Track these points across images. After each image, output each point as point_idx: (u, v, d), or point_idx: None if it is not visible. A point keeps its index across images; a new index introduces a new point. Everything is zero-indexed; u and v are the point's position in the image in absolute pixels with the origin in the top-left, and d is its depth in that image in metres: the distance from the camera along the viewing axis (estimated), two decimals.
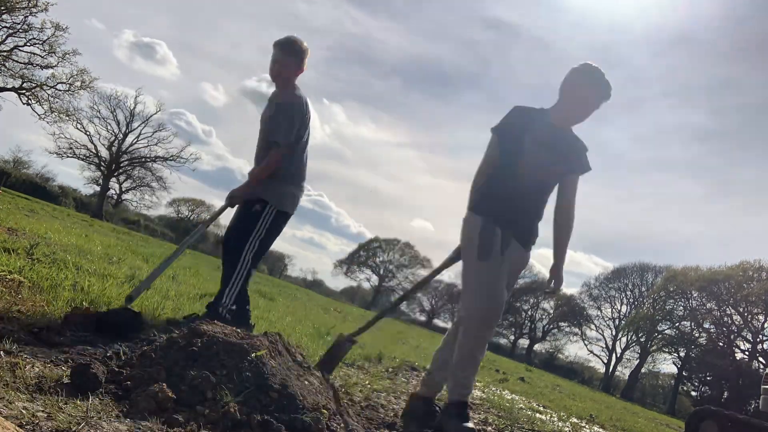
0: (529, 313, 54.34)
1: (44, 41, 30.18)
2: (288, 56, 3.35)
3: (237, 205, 3.44)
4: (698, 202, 79.05)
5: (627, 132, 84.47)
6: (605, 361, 47.49)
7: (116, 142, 40.40)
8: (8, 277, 2.92)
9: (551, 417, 4.83)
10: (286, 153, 3.30)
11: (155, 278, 3.25)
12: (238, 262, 3.27)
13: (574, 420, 5.17)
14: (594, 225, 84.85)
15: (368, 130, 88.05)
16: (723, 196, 76.83)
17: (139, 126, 41.09)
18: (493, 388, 6.01)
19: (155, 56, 75.99)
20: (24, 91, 30.59)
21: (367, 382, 3.47)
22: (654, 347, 43.45)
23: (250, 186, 3.34)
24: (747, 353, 36.43)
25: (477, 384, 5.92)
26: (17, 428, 1.24)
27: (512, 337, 55.57)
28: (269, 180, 3.34)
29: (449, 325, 3.00)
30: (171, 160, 41.44)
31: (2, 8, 27.86)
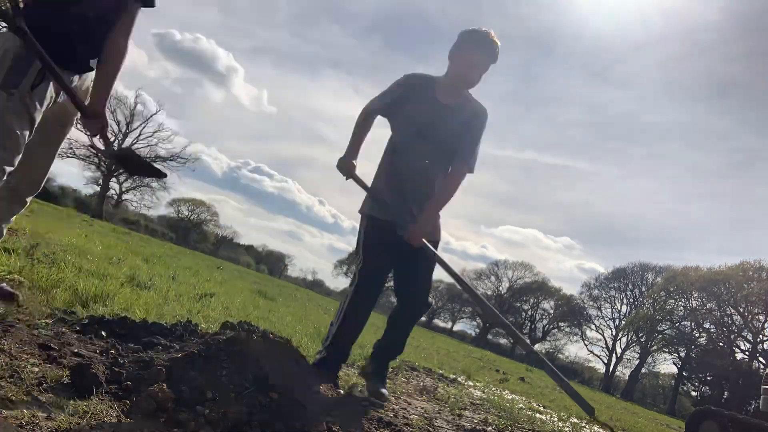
0: (529, 313, 54.37)
1: None
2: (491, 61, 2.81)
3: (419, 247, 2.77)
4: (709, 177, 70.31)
5: (626, 93, 76.12)
6: (605, 361, 47.51)
7: (116, 142, 40.43)
8: (8, 277, 2.92)
9: (551, 417, 4.83)
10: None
11: None
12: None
13: (575, 420, 5.17)
14: (585, 208, 79.70)
15: (349, 103, 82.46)
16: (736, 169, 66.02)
17: (139, 126, 41.15)
18: (494, 388, 6.01)
19: None
20: None
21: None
22: (654, 347, 43.46)
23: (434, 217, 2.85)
24: (747, 353, 36.44)
25: (477, 384, 5.93)
26: (17, 428, 1.24)
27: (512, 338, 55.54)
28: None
29: (449, 325, 2.99)
30: (171, 160, 41.49)
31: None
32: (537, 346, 53.87)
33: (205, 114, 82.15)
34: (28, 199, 2.49)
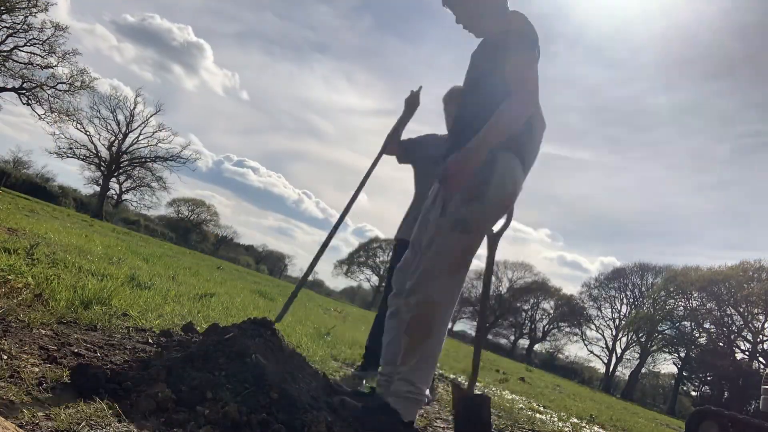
0: (529, 313, 54.38)
1: (44, 41, 30.27)
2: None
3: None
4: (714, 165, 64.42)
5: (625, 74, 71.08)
6: (605, 361, 47.53)
7: (116, 142, 40.45)
8: (8, 277, 2.92)
9: (551, 417, 4.83)
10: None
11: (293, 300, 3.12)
12: None
13: (575, 420, 5.17)
14: (583, 203, 76.62)
15: (341, 94, 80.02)
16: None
17: (139, 126, 41.16)
18: (493, 388, 6.01)
19: None
20: (24, 91, 30.64)
21: (366, 383, 3.46)
22: (654, 347, 43.48)
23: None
24: (747, 353, 36.45)
25: (477, 384, 5.93)
26: (17, 428, 1.24)
27: (512, 337, 55.61)
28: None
29: (449, 325, 2.81)
30: (171, 160, 41.51)
31: (2, 8, 27.88)
32: (537, 346, 53.90)
33: (182, 104, 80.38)
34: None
